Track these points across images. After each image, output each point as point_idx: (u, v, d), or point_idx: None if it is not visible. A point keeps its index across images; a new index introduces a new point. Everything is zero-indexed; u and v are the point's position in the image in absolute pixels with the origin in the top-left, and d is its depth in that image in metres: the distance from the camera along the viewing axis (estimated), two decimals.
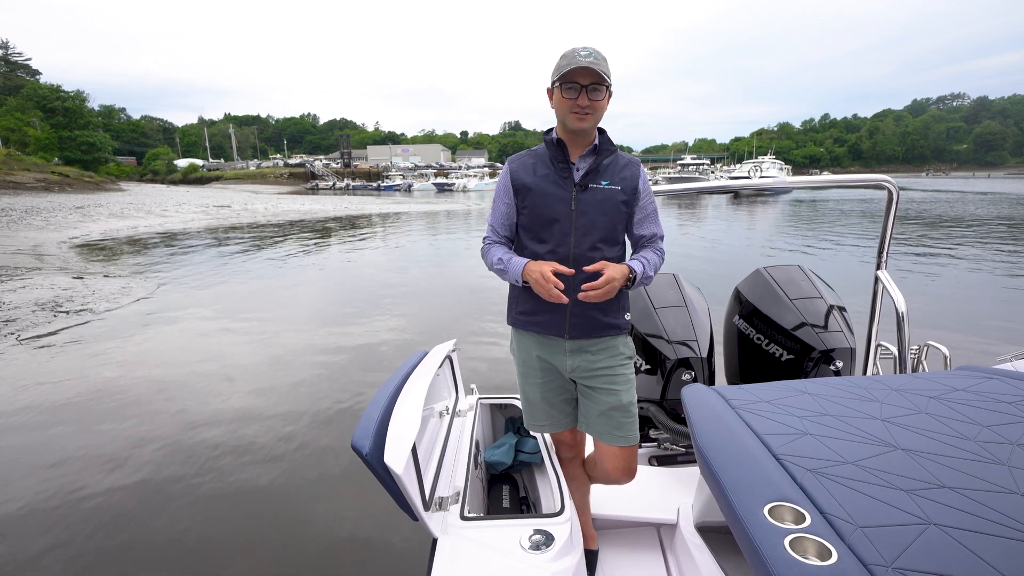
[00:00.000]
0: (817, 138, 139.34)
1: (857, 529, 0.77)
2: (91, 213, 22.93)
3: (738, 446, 1.03)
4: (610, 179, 1.57)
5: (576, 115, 1.50)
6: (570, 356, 1.63)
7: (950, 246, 13.47)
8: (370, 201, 39.27)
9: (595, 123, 1.54)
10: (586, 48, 1.48)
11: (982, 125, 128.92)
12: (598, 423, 1.65)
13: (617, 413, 1.62)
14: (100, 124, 65.02)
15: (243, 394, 4.69)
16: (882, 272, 2.29)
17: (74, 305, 7.69)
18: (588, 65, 1.44)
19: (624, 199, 1.57)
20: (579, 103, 1.48)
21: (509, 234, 1.68)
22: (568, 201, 1.55)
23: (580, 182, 1.55)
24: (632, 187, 1.59)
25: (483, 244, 1.70)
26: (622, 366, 1.65)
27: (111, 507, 3.12)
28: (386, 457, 1.17)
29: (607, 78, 1.48)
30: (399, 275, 10.44)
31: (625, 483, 1.71)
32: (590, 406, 1.67)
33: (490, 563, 1.24)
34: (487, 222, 1.70)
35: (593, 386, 1.65)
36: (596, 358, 1.62)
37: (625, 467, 1.67)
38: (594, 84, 1.47)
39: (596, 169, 1.56)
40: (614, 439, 1.64)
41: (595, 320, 1.59)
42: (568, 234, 1.55)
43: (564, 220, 1.54)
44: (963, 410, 1.14)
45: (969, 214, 22.92)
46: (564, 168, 1.56)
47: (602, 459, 1.70)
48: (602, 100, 1.51)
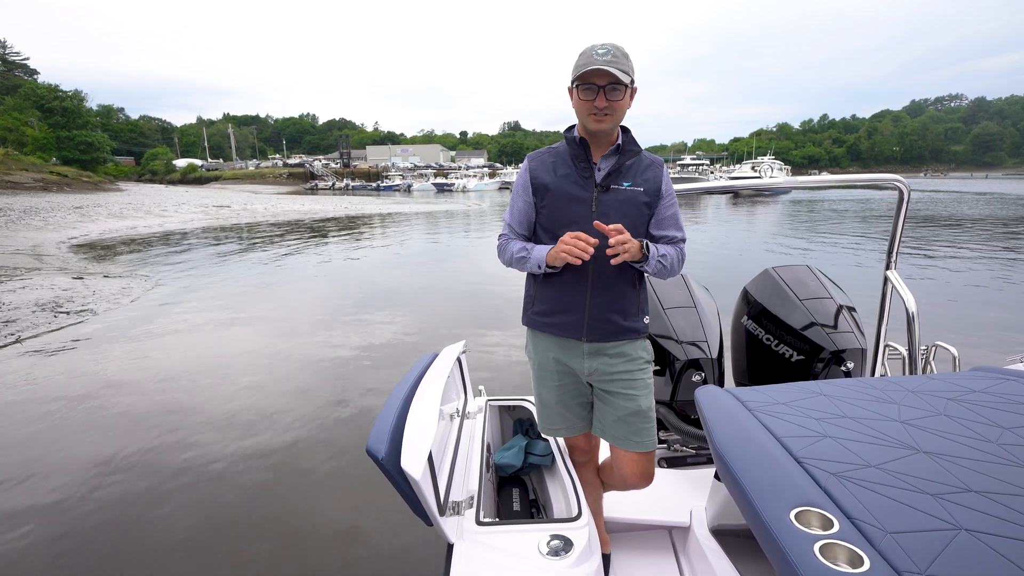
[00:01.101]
0: (816, 138, 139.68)
1: (887, 535, 0.76)
2: (90, 213, 22.86)
3: (758, 449, 1.02)
4: (632, 180, 1.53)
5: (594, 116, 1.46)
6: (588, 359, 1.60)
7: (947, 246, 13.49)
8: (370, 201, 39.22)
9: (615, 123, 1.50)
10: (604, 46, 1.42)
11: (980, 126, 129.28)
12: (615, 428, 1.62)
13: (635, 419, 1.59)
14: (98, 124, 64.76)
15: (245, 395, 4.68)
16: (892, 272, 2.28)
17: (75, 306, 7.66)
18: (603, 67, 1.39)
19: (647, 200, 1.53)
20: (596, 105, 1.44)
21: (527, 232, 1.64)
22: (589, 202, 1.51)
23: (601, 183, 1.52)
24: (655, 188, 1.55)
25: (499, 241, 1.66)
26: (641, 371, 1.61)
27: (109, 509, 3.10)
28: (403, 462, 1.16)
29: (626, 76, 1.42)
30: (400, 275, 10.42)
31: (643, 488, 1.68)
32: (607, 411, 1.63)
33: (509, 569, 1.22)
34: (504, 220, 1.67)
35: (611, 390, 1.61)
36: (614, 361, 1.59)
37: (644, 472, 1.64)
38: (612, 84, 1.42)
39: (619, 170, 1.53)
40: (632, 445, 1.60)
41: (614, 323, 1.55)
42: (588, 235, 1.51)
43: (584, 221, 1.50)
44: (982, 412, 1.13)
45: (962, 213, 22.96)
46: (586, 168, 1.53)
47: (620, 465, 1.66)
48: (622, 100, 1.45)
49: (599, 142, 1.54)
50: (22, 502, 3.16)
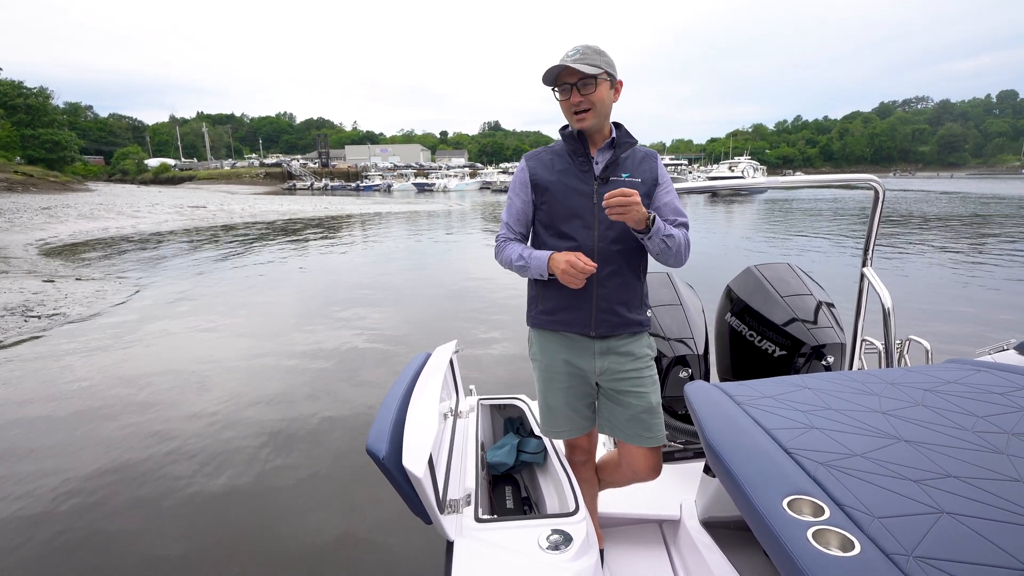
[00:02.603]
0: (790, 139, 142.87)
1: (875, 520, 0.80)
2: (59, 214, 22.13)
3: (749, 441, 1.06)
4: (631, 172, 1.56)
5: (576, 116, 1.51)
6: (599, 358, 1.61)
7: (915, 243, 13.95)
8: (350, 202, 38.78)
9: (599, 118, 1.53)
10: (575, 47, 1.48)
11: (945, 127, 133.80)
12: (627, 427, 1.64)
13: (647, 415, 1.62)
14: (65, 122, 62.69)
15: (222, 400, 4.59)
16: (868, 269, 2.36)
17: (46, 309, 7.43)
18: (569, 64, 1.44)
19: (646, 191, 1.56)
20: (572, 101, 1.49)
21: (525, 231, 1.67)
22: (590, 195, 1.54)
23: (601, 175, 1.55)
24: (652, 179, 1.58)
25: (497, 242, 1.68)
26: (648, 367, 1.65)
27: (83, 520, 2.99)
28: (405, 460, 1.17)
29: (595, 69, 1.45)
30: (381, 277, 10.35)
31: (652, 480, 1.72)
32: (618, 411, 1.65)
33: (510, 564, 1.24)
34: (502, 219, 1.69)
35: (621, 390, 1.63)
36: (623, 360, 1.61)
37: (655, 465, 1.68)
38: (582, 80, 1.46)
39: (616, 162, 1.56)
40: (644, 440, 1.63)
41: (620, 315, 1.57)
42: (591, 228, 1.53)
43: (586, 214, 1.54)
44: (958, 401, 1.19)
45: (929, 212, 23.74)
46: (584, 162, 1.56)
47: (632, 460, 1.69)
48: (595, 92, 1.48)
49: (593, 138, 1.58)
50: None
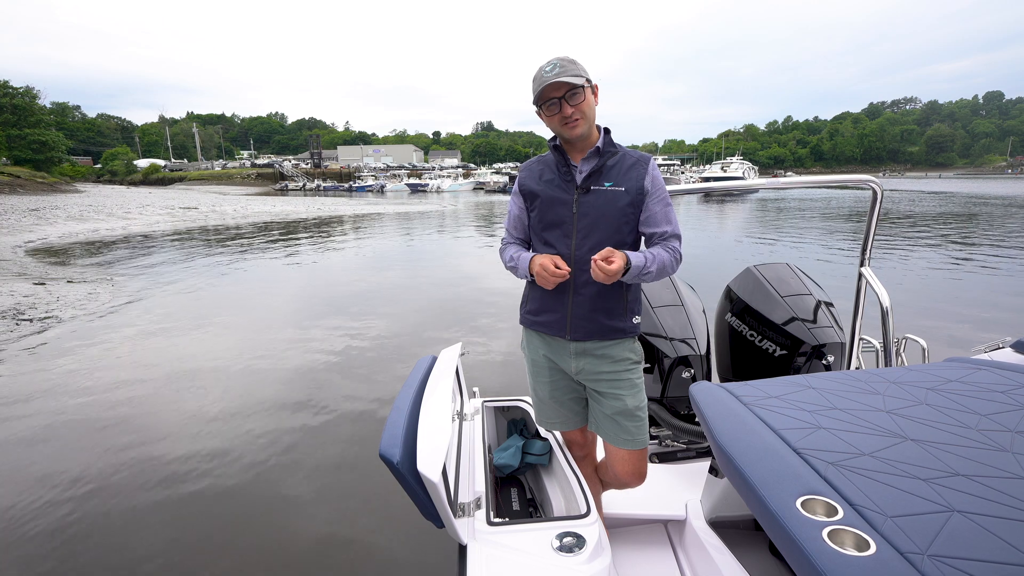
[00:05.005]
0: (781, 139, 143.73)
1: (888, 519, 0.81)
2: (47, 216, 21.85)
3: (759, 442, 1.06)
4: (614, 180, 1.57)
5: (568, 126, 1.54)
6: (574, 358, 1.66)
7: (906, 243, 14.10)
8: (343, 202, 38.57)
9: (588, 124, 1.56)
10: (550, 62, 1.51)
11: (933, 128, 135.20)
12: (606, 425, 1.69)
13: (622, 417, 1.64)
14: (52, 122, 61.74)
15: (220, 403, 4.56)
16: (866, 268, 2.39)
17: (38, 312, 7.34)
18: (554, 80, 1.47)
19: (629, 200, 1.56)
20: (564, 114, 1.52)
21: (523, 236, 1.75)
22: (570, 204, 1.58)
23: (582, 184, 1.58)
24: (638, 187, 1.56)
25: (500, 244, 1.79)
26: (628, 371, 1.65)
27: (77, 524, 2.97)
28: (419, 465, 1.17)
29: (579, 79, 1.49)
30: (375, 277, 10.31)
31: (635, 487, 1.74)
32: (598, 409, 1.71)
33: (524, 567, 1.24)
34: (504, 225, 1.80)
35: (599, 390, 1.68)
36: (600, 362, 1.64)
37: (634, 471, 1.69)
38: (570, 91, 1.49)
39: (599, 170, 1.58)
40: (622, 442, 1.66)
41: (598, 323, 1.60)
42: (570, 237, 1.58)
43: (567, 223, 1.59)
44: (960, 400, 1.20)
45: (918, 211, 24.01)
46: (567, 172, 1.60)
47: (612, 462, 1.72)
48: (584, 101, 1.52)
49: (577, 146, 1.61)
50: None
